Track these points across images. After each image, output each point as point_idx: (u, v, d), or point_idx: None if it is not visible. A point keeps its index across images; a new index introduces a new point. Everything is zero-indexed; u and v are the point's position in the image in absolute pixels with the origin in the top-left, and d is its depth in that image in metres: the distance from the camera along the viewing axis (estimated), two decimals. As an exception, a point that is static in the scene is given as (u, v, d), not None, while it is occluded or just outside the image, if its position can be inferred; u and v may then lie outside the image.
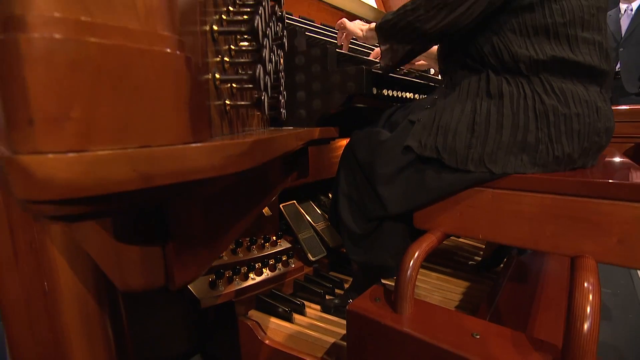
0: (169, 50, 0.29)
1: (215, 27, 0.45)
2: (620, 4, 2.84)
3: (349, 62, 1.10)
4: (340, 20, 1.27)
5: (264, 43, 0.50)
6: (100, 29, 0.26)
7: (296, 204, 1.62)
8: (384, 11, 1.87)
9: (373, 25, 0.99)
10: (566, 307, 0.59)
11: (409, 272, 0.78)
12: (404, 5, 0.87)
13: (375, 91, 1.01)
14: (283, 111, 0.90)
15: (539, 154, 0.78)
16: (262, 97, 0.48)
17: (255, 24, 0.44)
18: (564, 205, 0.72)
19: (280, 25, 0.71)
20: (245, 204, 0.63)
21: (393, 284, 1.14)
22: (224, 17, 0.49)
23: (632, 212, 0.66)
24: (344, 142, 1.70)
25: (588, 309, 0.56)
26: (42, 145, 0.24)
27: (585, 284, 0.59)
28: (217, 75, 0.46)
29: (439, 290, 1.42)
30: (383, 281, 1.31)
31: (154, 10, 0.29)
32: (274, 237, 1.45)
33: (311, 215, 1.65)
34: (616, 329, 1.57)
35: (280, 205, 1.53)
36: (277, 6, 0.67)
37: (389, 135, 0.93)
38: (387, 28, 0.93)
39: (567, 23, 0.77)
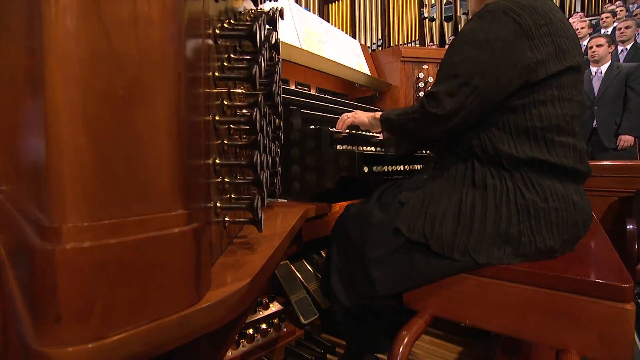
0: (177, 230, 0.33)
1: (217, 161, 0.50)
2: (590, 66, 3.08)
3: (343, 140, 1.17)
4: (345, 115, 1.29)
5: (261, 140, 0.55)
6: (121, 227, 0.30)
7: (289, 263, 1.63)
8: (377, 77, 1.99)
9: (378, 115, 1.08)
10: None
11: (398, 358, 0.79)
12: (407, 111, 0.96)
13: (366, 169, 1.06)
14: (278, 185, 0.94)
15: (522, 245, 0.83)
16: (258, 217, 0.52)
17: (255, 157, 0.49)
18: (545, 297, 0.76)
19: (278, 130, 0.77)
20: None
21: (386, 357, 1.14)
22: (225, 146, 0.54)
23: (609, 311, 0.69)
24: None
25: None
26: (67, 339, 0.28)
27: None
28: (219, 204, 0.50)
29: (431, 356, 1.41)
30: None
31: (165, 193, 0.34)
32: (266, 300, 1.45)
33: (304, 275, 1.66)
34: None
35: (273, 267, 1.54)
36: (275, 117, 0.73)
37: (379, 218, 0.97)
38: (391, 127, 1.02)
39: (545, 128, 0.84)
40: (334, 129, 1.17)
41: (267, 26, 0.68)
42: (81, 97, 0.28)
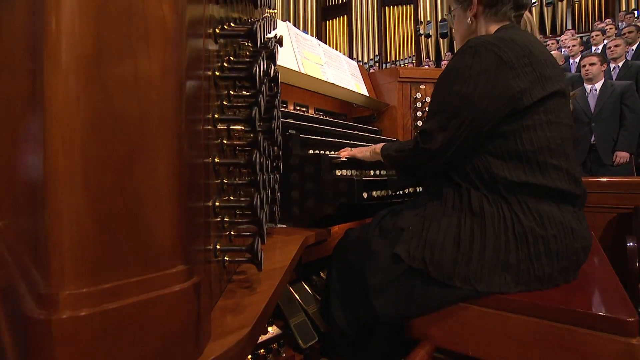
0: (178, 288, 0.33)
1: (217, 203, 0.50)
2: (585, 84, 3.13)
3: (343, 165, 1.17)
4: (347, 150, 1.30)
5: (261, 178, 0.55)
6: (121, 290, 0.30)
7: (288, 286, 1.61)
8: (375, 98, 2.01)
9: (379, 149, 1.11)
10: None
11: (401, 392, 0.77)
12: (404, 148, 0.99)
13: (365, 195, 1.06)
14: (277, 211, 0.94)
15: (521, 273, 0.82)
16: (259, 260, 0.51)
17: (256, 201, 0.48)
18: (548, 330, 0.75)
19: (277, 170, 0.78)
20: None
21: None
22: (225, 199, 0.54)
23: (614, 346, 0.68)
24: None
25: None
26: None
27: None
28: (219, 247, 0.49)
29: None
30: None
31: (166, 250, 0.33)
32: (265, 324, 1.42)
33: (303, 297, 1.63)
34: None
35: (272, 291, 1.52)
36: (277, 162, 0.73)
37: (379, 244, 0.97)
38: (392, 162, 1.05)
39: (536, 151, 0.86)
40: (332, 154, 1.17)
41: (267, 61, 0.69)
42: (81, 162, 0.28)
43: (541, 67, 0.87)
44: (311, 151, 1.21)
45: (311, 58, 1.73)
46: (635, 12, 6.40)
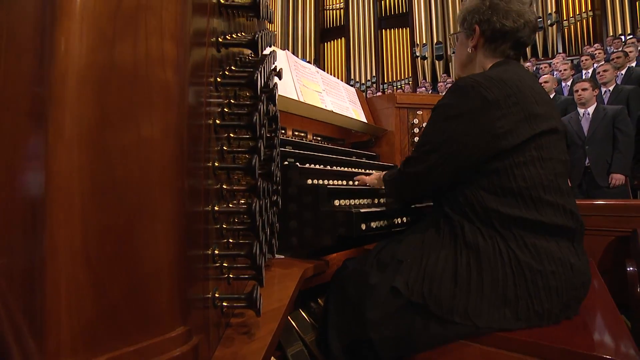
0: (178, 352, 0.32)
1: (217, 251, 0.50)
2: (578, 108, 3.20)
3: (341, 193, 1.18)
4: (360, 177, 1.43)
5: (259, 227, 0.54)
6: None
7: (286, 315, 1.58)
8: (372, 124, 2.04)
9: (381, 177, 1.21)
10: None
11: None
12: (394, 172, 1.10)
13: (364, 227, 1.06)
14: (276, 242, 0.93)
15: (520, 308, 0.81)
16: (257, 307, 0.50)
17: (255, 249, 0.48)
18: (552, 372, 0.73)
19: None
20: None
21: None
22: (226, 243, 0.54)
23: (618, 388, 0.67)
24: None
25: None
26: None
27: None
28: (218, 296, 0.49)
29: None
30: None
31: (166, 314, 0.33)
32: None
33: (300, 325, 1.60)
34: None
35: (269, 320, 1.49)
36: (276, 196, 0.73)
37: (377, 278, 0.96)
38: (387, 186, 1.14)
39: (530, 187, 0.87)
40: (330, 185, 1.17)
41: (267, 102, 0.70)
42: (82, 233, 0.28)
43: (530, 105, 0.89)
44: (309, 181, 1.21)
45: (310, 86, 1.76)
46: (622, 37, 6.61)
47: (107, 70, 0.31)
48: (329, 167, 1.47)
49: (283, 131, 1.73)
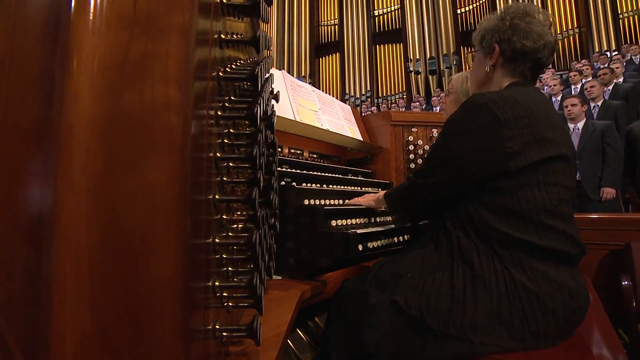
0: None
1: (217, 283, 0.50)
2: (568, 123, 3.27)
3: (338, 214, 1.18)
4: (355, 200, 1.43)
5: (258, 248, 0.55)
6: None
7: (282, 335, 1.57)
8: (368, 142, 2.07)
9: (382, 196, 1.21)
10: None
11: None
12: (401, 186, 1.12)
13: (361, 247, 1.07)
14: (273, 263, 0.93)
15: (515, 328, 0.81)
16: (257, 338, 0.50)
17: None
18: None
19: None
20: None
21: None
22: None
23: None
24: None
25: None
26: None
27: None
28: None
29: None
30: None
31: (168, 357, 0.33)
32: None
33: (297, 346, 1.59)
34: None
35: (266, 341, 1.47)
36: (274, 219, 0.74)
37: (376, 299, 0.96)
38: (391, 199, 1.16)
39: (532, 210, 0.87)
40: (327, 205, 1.18)
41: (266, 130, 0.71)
42: (89, 285, 0.28)
43: (542, 129, 0.89)
44: (306, 201, 1.22)
45: (306, 105, 1.79)
46: (607, 53, 6.81)
47: (115, 119, 0.32)
48: (325, 187, 1.48)
49: (280, 150, 1.75)
